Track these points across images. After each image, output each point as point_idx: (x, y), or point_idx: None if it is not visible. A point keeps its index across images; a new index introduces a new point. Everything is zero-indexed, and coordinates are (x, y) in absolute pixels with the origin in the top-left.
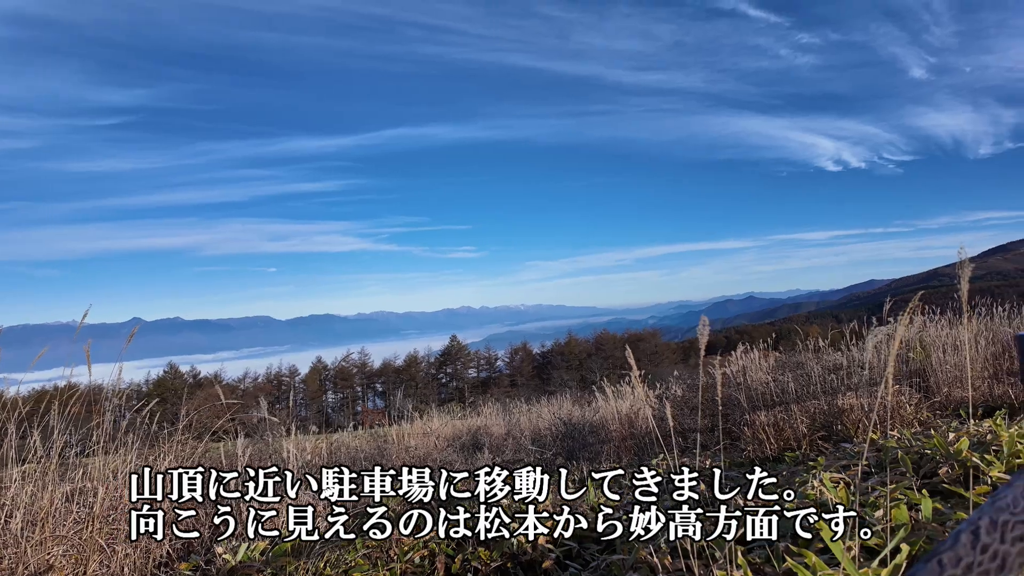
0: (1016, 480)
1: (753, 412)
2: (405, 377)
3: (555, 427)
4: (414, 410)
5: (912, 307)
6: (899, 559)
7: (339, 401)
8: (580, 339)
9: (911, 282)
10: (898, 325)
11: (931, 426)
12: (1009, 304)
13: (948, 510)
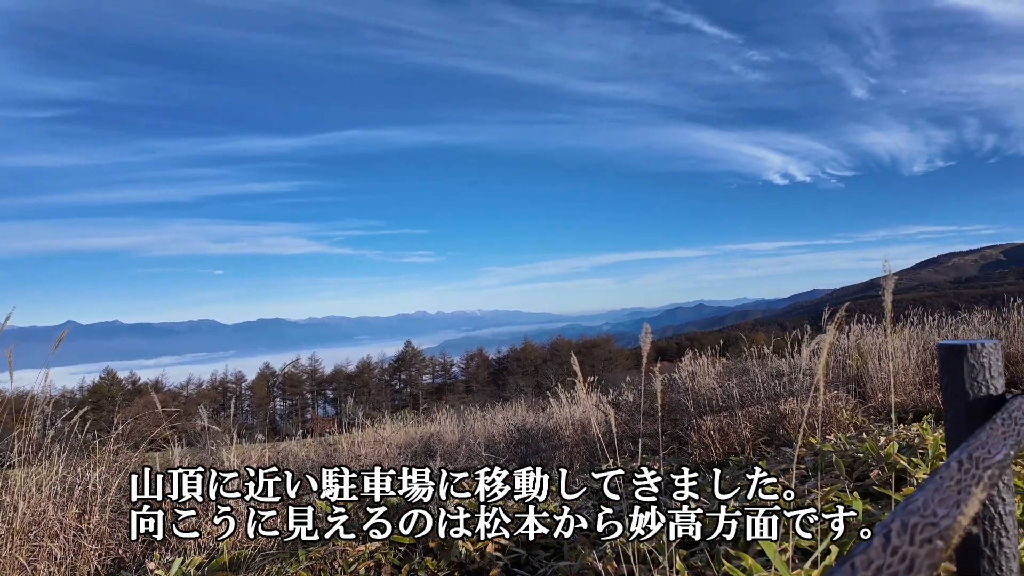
0: (928, 484)
1: (700, 417)
2: (357, 384)
3: (509, 433)
4: (366, 417)
5: (839, 318)
6: (828, 560)
7: (288, 408)
8: (536, 345)
9: (851, 292)
10: (827, 334)
11: (865, 430)
12: (939, 314)
13: (878, 511)
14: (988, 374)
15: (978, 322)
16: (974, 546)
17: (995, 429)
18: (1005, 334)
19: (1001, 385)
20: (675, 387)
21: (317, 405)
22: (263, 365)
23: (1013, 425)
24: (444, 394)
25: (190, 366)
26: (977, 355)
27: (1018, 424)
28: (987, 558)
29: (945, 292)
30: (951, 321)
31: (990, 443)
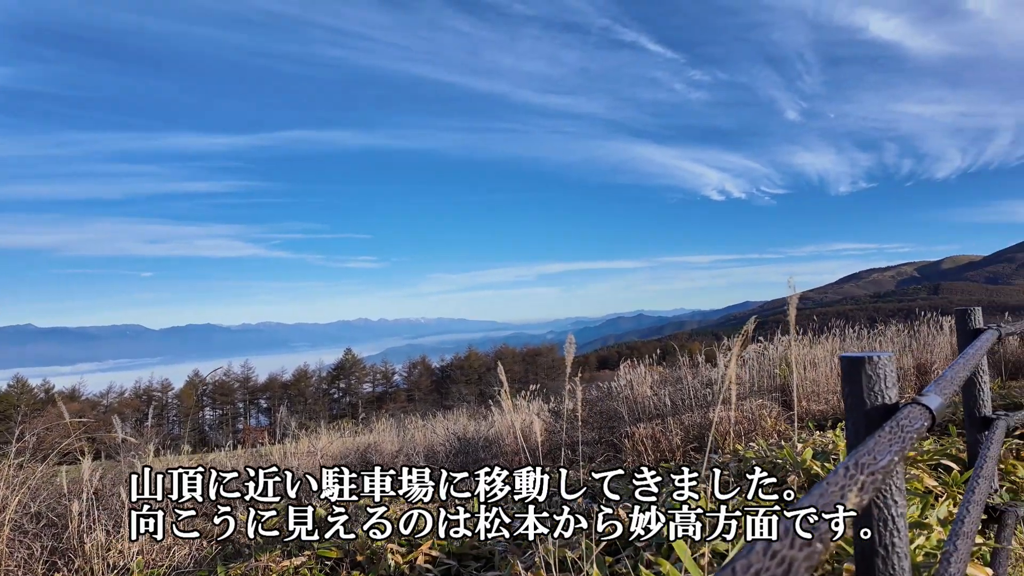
0: (814, 489)
1: (634, 425)
2: (293, 392)
3: (449, 442)
4: (301, 427)
5: (746, 330)
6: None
7: (218, 418)
8: (480, 353)
9: (780, 304)
10: (734, 347)
11: (786, 437)
12: (859, 326)
13: None
14: (883, 384)
15: (893, 334)
16: (869, 547)
17: (883, 436)
18: (916, 346)
19: (895, 394)
20: (613, 395)
21: (250, 415)
22: (192, 372)
23: (900, 432)
24: (385, 403)
25: (112, 373)
26: (874, 367)
27: (905, 431)
28: (881, 557)
29: (865, 306)
30: (870, 333)
31: (876, 450)
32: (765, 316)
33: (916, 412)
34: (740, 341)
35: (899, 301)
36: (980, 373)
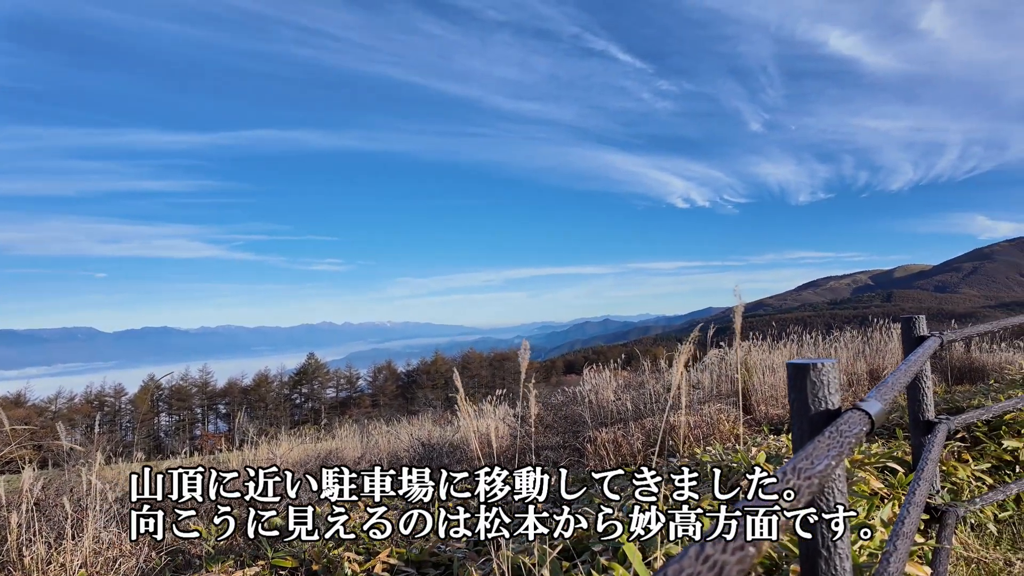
0: (752, 494)
1: (596, 429)
2: (253, 398)
3: (413, 448)
4: (261, 433)
5: (693, 338)
6: None
7: (174, 424)
8: (447, 357)
9: (741, 310)
10: (681, 352)
11: (743, 441)
12: (817, 332)
13: None
14: (827, 390)
15: (848, 340)
16: (813, 548)
17: (822, 441)
18: (870, 351)
19: (838, 400)
20: (578, 400)
21: (208, 421)
22: (147, 377)
23: (839, 437)
24: (349, 408)
25: (61, 378)
26: (818, 373)
27: (843, 436)
28: (824, 558)
29: (823, 312)
30: (826, 339)
31: (814, 455)
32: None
33: (856, 417)
34: (687, 349)
35: (854, 308)
36: (923, 379)
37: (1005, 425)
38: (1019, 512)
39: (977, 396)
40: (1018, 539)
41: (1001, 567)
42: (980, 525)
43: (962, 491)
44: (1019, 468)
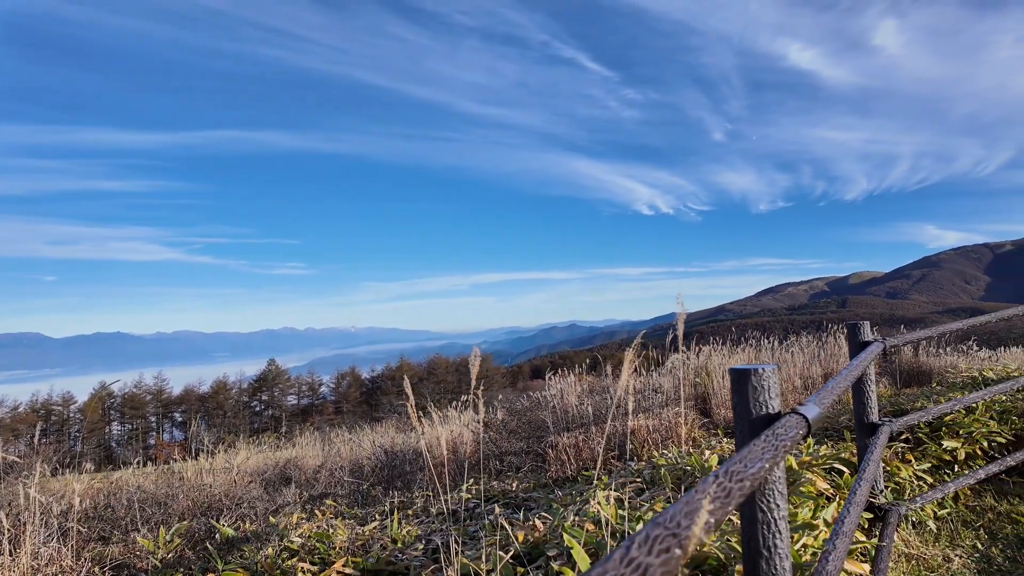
0: (684, 497)
1: (558, 434)
2: (211, 405)
3: (376, 456)
4: (219, 441)
5: (636, 344)
6: None
7: (127, 433)
8: (412, 363)
9: (703, 316)
10: (626, 359)
11: (699, 444)
12: (775, 337)
13: None
14: (768, 395)
15: (804, 344)
16: (754, 548)
17: (757, 445)
18: (824, 355)
19: (778, 404)
20: (542, 405)
21: (163, 429)
22: (98, 384)
23: (774, 440)
24: (311, 416)
25: (5, 386)
26: (759, 378)
27: (779, 440)
28: (764, 559)
29: (781, 318)
30: (783, 344)
31: (748, 458)
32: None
33: (793, 421)
34: (630, 357)
35: (811, 314)
36: (867, 382)
37: (945, 426)
38: (957, 509)
39: (920, 398)
40: (956, 535)
41: (940, 563)
42: (921, 523)
43: (905, 490)
44: (958, 467)
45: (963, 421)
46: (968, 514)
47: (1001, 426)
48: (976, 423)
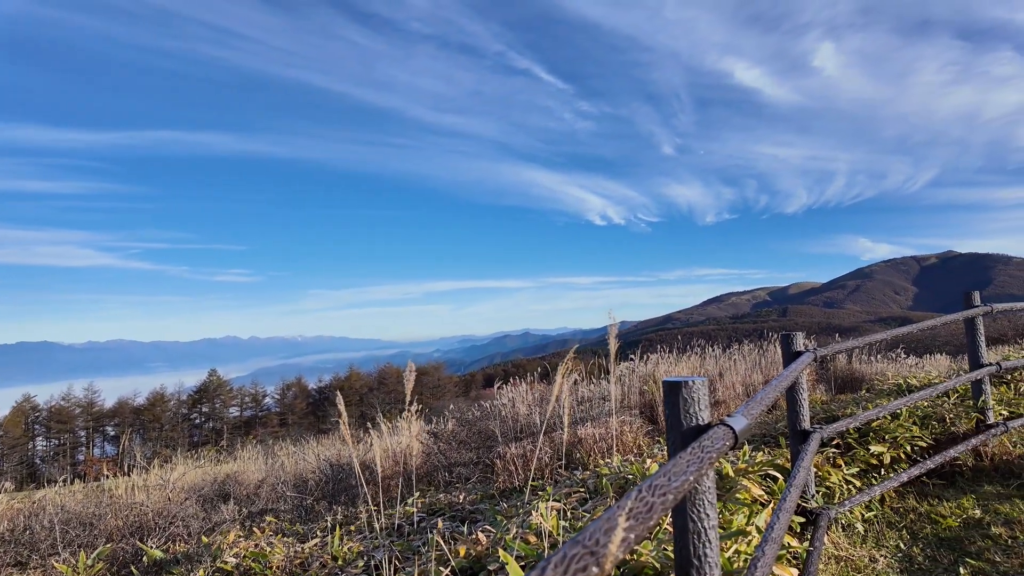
0: (605, 513)
1: (506, 444)
2: (147, 418)
3: (321, 469)
4: (154, 456)
5: (569, 358)
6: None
7: (53, 449)
8: (362, 373)
9: (651, 324)
10: (559, 372)
11: (643, 452)
12: (719, 345)
13: None
14: (697, 407)
15: (746, 352)
16: (686, 557)
17: (683, 458)
18: (765, 363)
19: (707, 416)
20: (492, 414)
21: (93, 444)
22: (21, 396)
23: (700, 453)
24: (254, 428)
25: None
26: (689, 390)
27: (705, 452)
28: (695, 568)
29: (726, 326)
30: (726, 352)
31: (673, 471)
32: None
33: (720, 433)
34: (564, 369)
35: (754, 322)
36: (800, 391)
37: (873, 432)
38: (883, 511)
39: (850, 405)
40: (881, 537)
41: (866, 563)
42: (850, 525)
43: (835, 494)
44: (884, 471)
45: (889, 426)
46: (892, 515)
47: (923, 431)
48: (900, 428)
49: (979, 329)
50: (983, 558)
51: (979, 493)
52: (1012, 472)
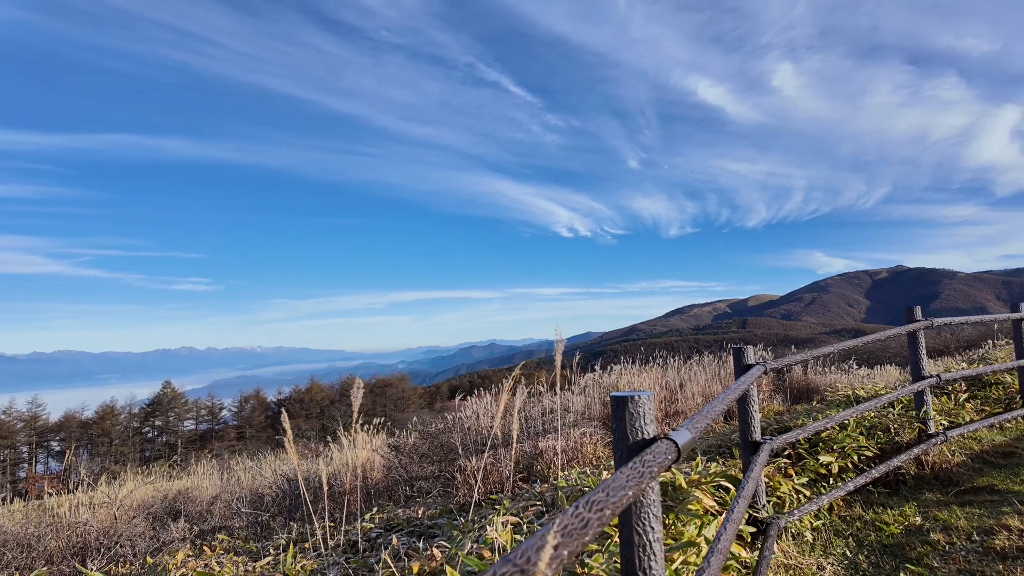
0: (540, 531)
1: (467, 458)
2: (96, 432)
3: (278, 484)
4: (102, 472)
5: (515, 375)
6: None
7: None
8: (324, 385)
9: (616, 335)
10: (505, 387)
11: (603, 464)
12: (680, 356)
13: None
14: (643, 421)
15: (707, 363)
16: (631, 570)
17: (624, 472)
18: (724, 374)
19: (652, 430)
20: (454, 427)
21: (37, 460)
22: None
23: (641, 468)
24: (210, 442)
25: None
26: (635, 405)
27: (647, 466)
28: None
29: (688, 337)
30: (687, 363)
31: (612, 486)
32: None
33: (663, 447)
34: (510, 384)
35: (715, 334)
36: (751, 402)
37: (822, 442)
38: (831, 520)
39: (802, 416)
40: (829, 544)
41: (814, 571)
42: (799, 534)
43: (785, 503)
44: (832, 480)
45: (837, 437)
46: (840, 524)
47: (869, 441)
48: (848, 438)
49: (920, 342)
50: (922, 563)
51: (920, 500)
52: (951, 480)
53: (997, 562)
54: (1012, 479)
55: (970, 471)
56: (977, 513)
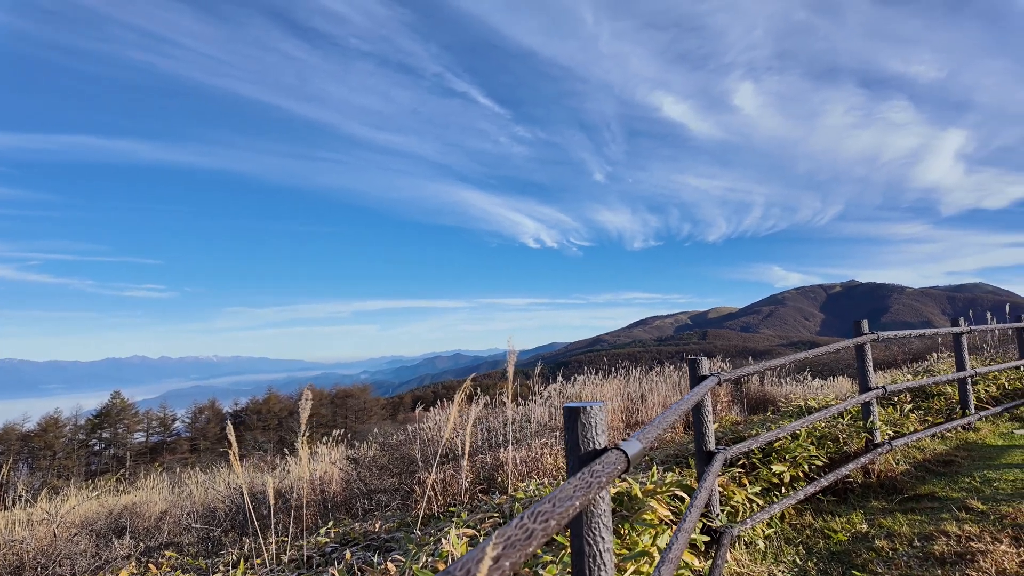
0: (484, 542)
1: (426, 470)
2: (38, 445)
3: (232, 498)
4: (43, 487)
5: (465, 387)
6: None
7: None
8: (282, 396)
9: (582, 346)
10: (454, 402)
11: (561, 475)
12: (643, 367)
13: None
14: (595, 432)
15: (668, 373)
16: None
17: (571, 483)
18: (685, 384)
19: (604, 441)
20: (416, 438)
21: None
22: None
23: (589, 478)
24: (161, 455)
25: None
26: (587, 416)
27: (595, 476)
28: None
29: (650, 348)
30: (649, 373)
31: (559, 497)
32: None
33: (613, 458)
34: (459, 398)
35: (676, 345)
36: (705, 413)
37: (775, 452)
38: (782, 528)
39: (756, 426)
40: (780, 552)
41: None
42: (752, 542)
43: (739, 512)
44: (784, 489)
45: (789, 447)
46: (791, 532)
47: (819, 450)
48: (799, 448)
49: (867, 355)
50: (867, 569)
51: (867, 508)
52: (895, 488)
53: (936, 567)
54: (951, 487)
55: (913, 479)
56: (919, 520)
